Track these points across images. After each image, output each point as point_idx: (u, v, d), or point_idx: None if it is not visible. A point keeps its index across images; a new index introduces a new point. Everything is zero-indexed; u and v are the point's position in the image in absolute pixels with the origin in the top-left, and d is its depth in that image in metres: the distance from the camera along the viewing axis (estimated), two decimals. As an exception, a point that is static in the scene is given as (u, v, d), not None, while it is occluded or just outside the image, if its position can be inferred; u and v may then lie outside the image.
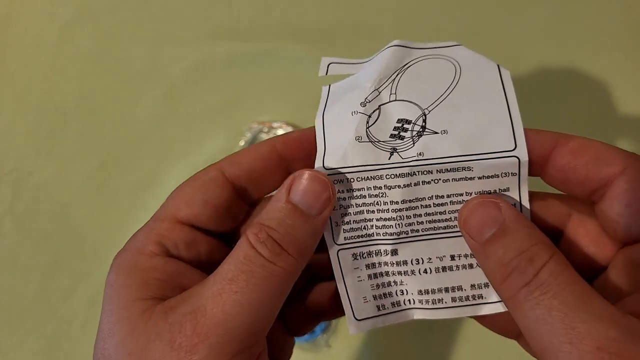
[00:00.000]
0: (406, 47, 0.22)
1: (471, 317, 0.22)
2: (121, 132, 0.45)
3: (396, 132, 0.21)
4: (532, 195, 0.20)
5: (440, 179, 0.20)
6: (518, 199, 0.20)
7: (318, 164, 0.21)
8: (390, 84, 0.22)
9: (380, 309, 0.21)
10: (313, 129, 0.22)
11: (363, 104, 0.22)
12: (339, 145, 0.21)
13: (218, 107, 0.45)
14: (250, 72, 0.46)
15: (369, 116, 0.21)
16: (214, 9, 0.48)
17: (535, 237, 0.18)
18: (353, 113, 0.22)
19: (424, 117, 0.21)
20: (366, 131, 0.21)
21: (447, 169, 0.20)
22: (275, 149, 0.21)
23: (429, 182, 0.20)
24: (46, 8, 0.49)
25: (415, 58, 0.22)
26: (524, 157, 0.19)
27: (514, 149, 0.19)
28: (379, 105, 0.21)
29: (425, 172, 0.20)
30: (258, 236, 0.18)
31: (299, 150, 0.22)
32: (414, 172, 0.20)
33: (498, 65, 0.21)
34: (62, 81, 0.47)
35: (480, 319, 0.22)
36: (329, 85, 0.23)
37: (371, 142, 0.21)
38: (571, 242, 0.20)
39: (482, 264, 0.19)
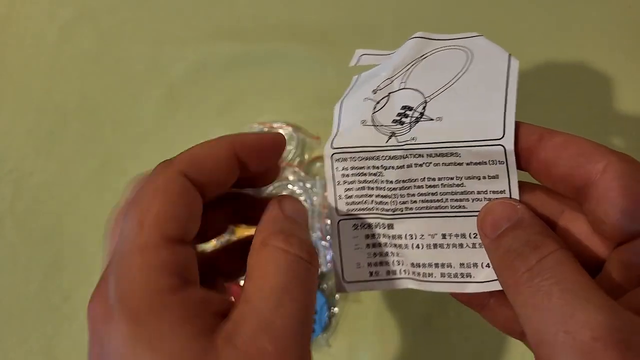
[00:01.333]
0: (427, 38, 0.23)
1: (458, 299, 0.22)
2: (121, 132, 0.45)
3: (398, 118, 0.22)
4: (525, 187, 0.20)
5: (431, 163, 0.21)
6: (508, 187, 0.20)
7: (328, 144, 0.23)
8: (404, 74, 0.23)
9: (373, 275, 0.23)
10: (270, 134, 0.23)
11: (374, 92, 0.23)
12: (347, 128, 0.23)
13: (218, 107, 0.45)
14: (250, 72, 0.46)
15: (377, 102, 0.23)
16: (214, 9, 0.48)
17: (547, 233, 0.18)
18: (365, 100, 0.23)
19: (424, 105, 0.22)
20: (371, 116, 0.23)
21: (436, 154, 0.20)
22: (235, 152, 0.21)
23: (420, 165, 0.21)
24: (46, 8, 0.49)
25: (433, 49, 0.23)
26: (510, 146, 0.19)
27: (501, 138, 0.20)
28: (389, 93, 0.23)
29: (416, 156, 0.21)
30: (289, 241, 0.19)
31: (254, 154, 0.21)
32: (406, 155, 0.21)
33: (509, 55, 0.21)
34: (62, 81, 0.47)
35: (484, 314, 0.22)
36: (359, 75, 0.25)
37: (374, 126, 0.22)
38: (563, 240, 0.20)
39: (492, 257, 0.19)
